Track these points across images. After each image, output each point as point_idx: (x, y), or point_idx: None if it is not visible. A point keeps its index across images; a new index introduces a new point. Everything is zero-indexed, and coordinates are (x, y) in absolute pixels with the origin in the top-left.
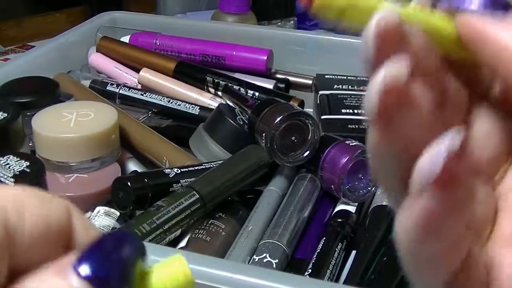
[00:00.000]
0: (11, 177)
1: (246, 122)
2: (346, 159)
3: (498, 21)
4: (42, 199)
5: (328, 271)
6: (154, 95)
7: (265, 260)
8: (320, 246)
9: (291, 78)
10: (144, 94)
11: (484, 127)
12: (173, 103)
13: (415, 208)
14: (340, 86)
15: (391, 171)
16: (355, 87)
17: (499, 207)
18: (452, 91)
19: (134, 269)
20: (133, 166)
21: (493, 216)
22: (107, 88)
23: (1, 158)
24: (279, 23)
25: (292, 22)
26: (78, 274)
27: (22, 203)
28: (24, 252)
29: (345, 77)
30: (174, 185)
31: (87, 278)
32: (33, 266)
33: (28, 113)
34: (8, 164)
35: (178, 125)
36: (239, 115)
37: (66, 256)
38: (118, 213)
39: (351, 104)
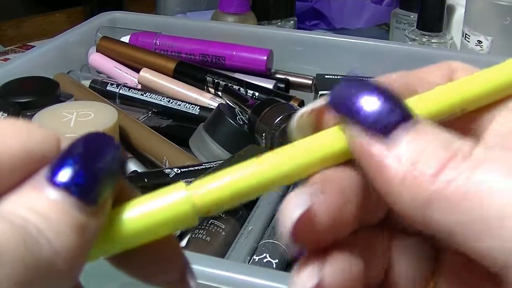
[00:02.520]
0: None
1: (246, 122)
2: None
3: (386, 142)
4: (22, 127)
5: None
6: (154, 95)
7: (265, 260)
8: None
9: (291, 78)
10: (144, 94)
11: (404, 262)
12: (173, 103)
13: None
14: None
15: None
16: None
17: None
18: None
19: (115, 174)
20: (133, 166)
21: None
22: (107, 88)
23: None
24: (279, 23)
25: (292, 22)
26: (54, 184)
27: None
28: (4, 178)
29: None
30: None
31: (63, 186)
32: None
33: (28, 113)
34: None
35: (178, 125)
36: (239, 115)
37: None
38: None
39: None
